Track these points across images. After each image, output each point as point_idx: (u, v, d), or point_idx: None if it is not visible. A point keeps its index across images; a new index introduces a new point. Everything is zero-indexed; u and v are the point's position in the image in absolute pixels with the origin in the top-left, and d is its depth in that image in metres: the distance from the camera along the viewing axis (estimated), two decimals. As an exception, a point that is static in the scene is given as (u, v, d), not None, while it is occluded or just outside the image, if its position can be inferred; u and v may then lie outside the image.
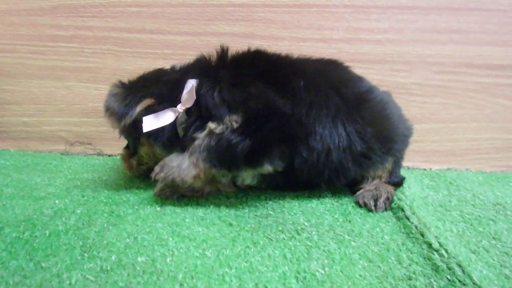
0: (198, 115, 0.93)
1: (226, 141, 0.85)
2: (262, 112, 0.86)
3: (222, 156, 0.86)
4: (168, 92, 0.96)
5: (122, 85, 0.99)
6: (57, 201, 0.92)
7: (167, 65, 1.06)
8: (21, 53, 1.34)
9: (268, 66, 0.96)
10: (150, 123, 0.92)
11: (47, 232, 0.76)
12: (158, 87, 0.96)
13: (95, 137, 1.40)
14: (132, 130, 0.96)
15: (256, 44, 1.28)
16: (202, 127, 0.90)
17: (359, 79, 1.03)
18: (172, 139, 0.96)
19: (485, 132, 1.34)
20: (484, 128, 1.34)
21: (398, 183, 1.07)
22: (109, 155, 1.40)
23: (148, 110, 0.93)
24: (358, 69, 1.27)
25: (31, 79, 1.36)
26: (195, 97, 0.92)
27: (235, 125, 0.85)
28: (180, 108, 0.93)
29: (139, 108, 0.92)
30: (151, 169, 0.95)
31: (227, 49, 0.99)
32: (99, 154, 1.40)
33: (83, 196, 0.96)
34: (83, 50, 1.33)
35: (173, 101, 0.94)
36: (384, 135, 0.97)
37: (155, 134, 0.94)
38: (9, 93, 1.37)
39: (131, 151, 1.08)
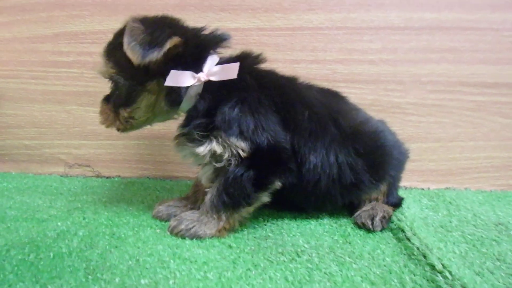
0: (206, 110, 0.89)
1: (233, 177, 0.87)
2: (268, 145, 0.87)
3: (237, 196, 0.88)
4: (194, 46, 0.88)
5: (142, 21, 0.85)
6: (59, 223, 0.93)
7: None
8: (24, 78, 1.39)
9: (279, 92, 0.94)
10: (173, 78, 0.85)
11: (51, 254, 0.77)
12: (185, 31, 0.89)
13: (93, 159, 1.42)
14: (144, 73, 0.87)
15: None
16: (204, 128, 0.87)
17: (356, 111, 1.05)
18: (178, 102, 0.91)
19: (482, 150, 1.33)
20: (481, 146, 1.33)
21: (396, 203, 1.06)
22: (107, 177, 1.41)
23: (173, 51, 0.84)
24: (352, 89, 1.31)
25: (33, 104, 1.40)
26: (228, 77, 0.86)
27: (243, 154, 0.86)
28: (202, 77, 0.87)
29: (168, 44, 0.81)
30: (135, 128, 0.96)
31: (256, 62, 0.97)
32: (97, 176, 1.42)
33: (84, 218, 0.97)
34: (83, 75, 1.37)
35: (196, 61, 0.88)
36: (376, 165, 0.99)
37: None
38: (11, 117, 1.42)
39: (118, 100, 0.94)
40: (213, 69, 0.88)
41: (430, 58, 1.30)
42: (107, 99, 0.97)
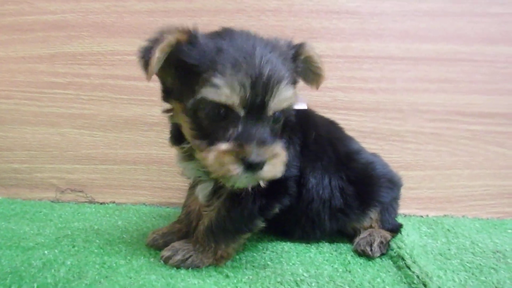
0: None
1: (239, 202, 0.86)
2: (285, 176, 0.84)
3: (239, 222, 0.87)
4: None
5: None
6: (46, 252, 0.88)
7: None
8: (17, 99, 1.34)
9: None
10: None
11: (35, 285, 0.72)
12: None
13: (87, 185, 1.37)
14: None
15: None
16: None
17: (351, 140, 1.10)
18: None
19: (479, 179, 1.36)
20: (477, 175, 1.36)
21: (393, 229, 1.07)
22: (101, 203, 1.36)
23: None
24: (352, 117, 1.32)
25: (25, 126, 1.35)
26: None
27: (262, 184, 0.80)
28: None
29: None
30: None
31: None
32: (90, 202, 1.37)
33: (73, 246, 0.93)
34: (79, 97, 1.33)
35: None
36: (364, 193, 1.02)
37: None
38: (1, 139, 1.36)
39: None
40: None
41: (428, 87, 1.33)
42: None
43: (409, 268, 0.87)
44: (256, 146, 0.70)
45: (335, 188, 0.98)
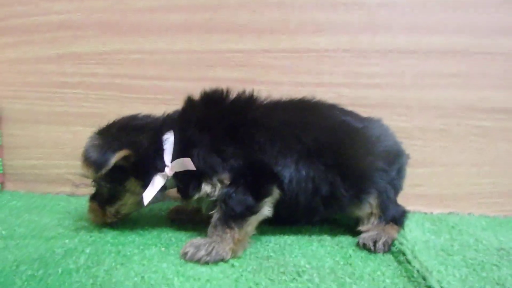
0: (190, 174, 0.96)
1: (228, 195, 0.93)
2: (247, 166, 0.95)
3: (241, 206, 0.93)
4: (148, 143, 0.97)
5: (100, 133, 1.00)
6: (67, 241, 0.97)
7: (168, 110, 1.08)
8: (29, 99, 1.39)
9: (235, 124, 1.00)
10: (148, 194, 0.95)
11: (60, 270, 0.80)
12: (136, 136, 0.98)
13: (100, 180, 1.43)
14: (119, 174, 0.97)
15: (256, 89, 1.29)
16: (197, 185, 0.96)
17: (324, 119, 1.05)
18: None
19: (487, 176, 1.32)
20: (486, 172, 1.32)
21: (398, 219, 1.06)
22: (114, 197, 1.43)
23: (127, 160, 0.95)
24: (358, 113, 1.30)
25: (39, 124, 1.40)
26: (188, 168, 0.94)
27: (227, 182, 0.94)
28: (169, 172, 0.96)
29: (114, 159, 0.92)
30: (125, 217, 1.06)
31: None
32: (104, 196, 1.43)
33: (90, 237, 1.00)
34: (88, 96, 1.37)
35: (153, 154, 0.97)
36: (353, 176, 1.00)
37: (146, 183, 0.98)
38: (17, 138, 1.43)
39: (104, 199, 1.04)
40: (173, 165, 0.95)
41: (438, 82, 1.28)
42: (93, 197, 1.06)
43: (409, 262, 0.88)
44: None
45: (317, 178, 0.97)
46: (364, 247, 0.99)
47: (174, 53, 1.32)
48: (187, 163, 0.94)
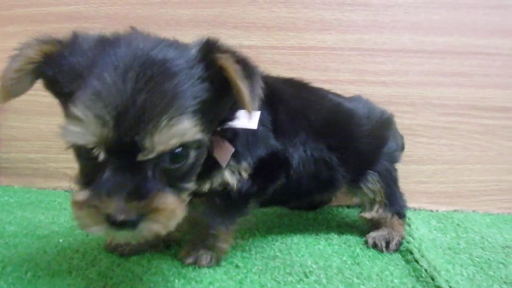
0: None
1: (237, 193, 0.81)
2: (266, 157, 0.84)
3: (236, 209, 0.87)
4: None
5: None
6: (61, 240, 0.91)
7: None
8: (31, 90, 1.34)
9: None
10: None
11: (51, 272, 0.75)
12: None
13: (100, 175, 1.39)
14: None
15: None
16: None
17: (324, 99, 1.01)
18: None
19: (491, 173, 1.35)
20: (489, 169, 1.34)
21: (401, 211, 1.05)
22: (114, 193, 1.39)
23: None
24: None
25: (40, 116, 1.36)
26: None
27: (245, 175, 0.80)
28: None
29: None
30: None
31: None
32: (103, 192, 1.39)
33: (86, 235, 0.95)
34: (92, 88, 1.34)
35: None
36: (352, 161, 0.98)
37: None
38: (16, 130, 1.38)
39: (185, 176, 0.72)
40: None
41: (442, 81, 1.31)
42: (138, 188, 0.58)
43: (417, 261, 0.88)
44: (124, 200, 0.53)
45: (319, 160, 0.92)
46: (374, 246, 0.98)
47: (183, 48, 1.32)
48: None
